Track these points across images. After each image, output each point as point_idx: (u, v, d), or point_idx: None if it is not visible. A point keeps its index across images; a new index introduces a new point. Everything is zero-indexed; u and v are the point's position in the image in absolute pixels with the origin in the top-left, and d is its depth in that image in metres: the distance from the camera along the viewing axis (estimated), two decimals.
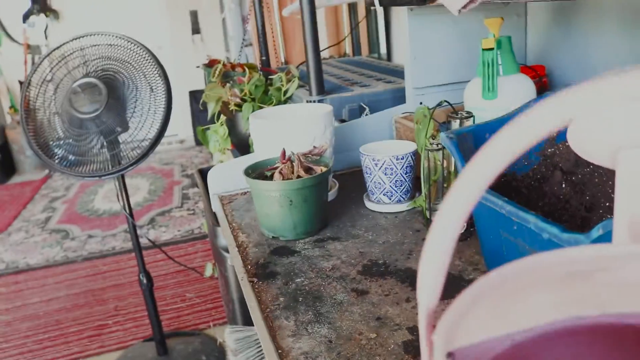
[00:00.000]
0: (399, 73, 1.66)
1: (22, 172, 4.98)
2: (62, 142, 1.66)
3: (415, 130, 0.78)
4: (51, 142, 1.66)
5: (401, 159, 0.94)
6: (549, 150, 0.78)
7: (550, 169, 0.77)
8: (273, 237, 0.91)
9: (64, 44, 1.62)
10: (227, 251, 1.17)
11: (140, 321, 2.29)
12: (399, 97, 1.38)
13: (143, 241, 3.08)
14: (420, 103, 1.23)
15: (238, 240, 0.92)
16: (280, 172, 0.89)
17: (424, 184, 0.81)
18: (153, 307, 1.89)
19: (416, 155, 0.97)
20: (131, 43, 1.59)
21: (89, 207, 3.86)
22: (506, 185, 0.75)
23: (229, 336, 1.18)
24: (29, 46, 4.86)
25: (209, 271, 1.81)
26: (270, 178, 0.92)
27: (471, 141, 0.73)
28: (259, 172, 0.95)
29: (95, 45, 1.57)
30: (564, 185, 0.77)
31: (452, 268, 0.77)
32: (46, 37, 4.86)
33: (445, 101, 0.80)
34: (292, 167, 0.91)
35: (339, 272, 0.79)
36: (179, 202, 3.73)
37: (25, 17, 4.85)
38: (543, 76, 1.19)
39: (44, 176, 4.76)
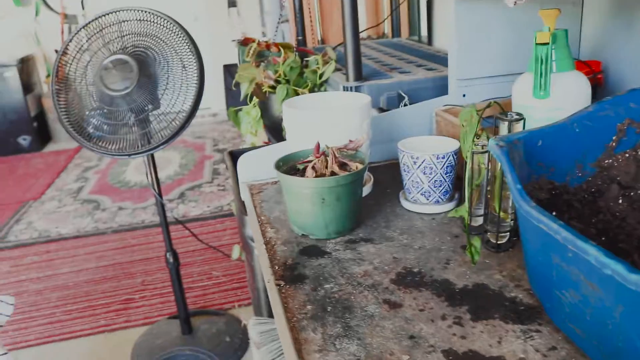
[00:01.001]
0: (440, 59, 1.59)
1: (57, 141, 5.04)
2: (96, 112, 1.64)
3: (461, 133, 0.72)
4: (87, 112, 1.64)
5: (442, 158, 0.88)
6: (606, 161, 0.72)
7: (606, 182, 0.71)
8: (303, 234, 0.87)
9: (96, 17, 1.58)
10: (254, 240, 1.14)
11: (166, 297, 2.29)
12: (440, 87, 1.32)
13: (173, 215, 3.09)
14: (464, 95, 1.16)
15: (266, 236, 0.88)
16: (313, 168, 0.85)
17: (467, 189, 0.75)
18: (179, 286, 1.88)
19: (458, 154, 0.91)
20: (162, 18, 1.55)
21: (121, 178, 3.88)
22: (557, 197, 0.69)
23: (252, 328, 1.15)
24: (65, 15, 4.87)
25: (236, 254, 1.79)
26: (303, 172, 0.87)
27: (521, 148, 0.67)
28: (290, 164, 0.90)
29: (125, 21, 1.53)
30: (621, 201, 0.70)
31: (492, 283, 0.71)
32: (83, 7, 4.86)
33: (495, 102, 0.74)
34: (326, 162, 0.86)
35: (371, 279, 0.74)
36: (209, 177, 3.72)
37: None
38: (598, 72, 1.11)
39: (78, 145, 4.80)
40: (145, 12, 1.56)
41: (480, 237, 0.74)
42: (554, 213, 0.68)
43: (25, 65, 4.86)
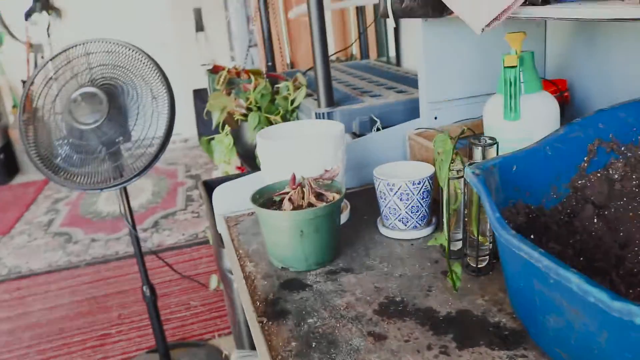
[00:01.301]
0: (410, 80, 1.61)
1: (25, 172, 4.95)
2: (66, 145, 1.61)
3: (437, 161, 0.73)
4: (56, 142, 1.61)
5: (418, 184, 0.89)
6: (579, 182, 0.73)
7: (581, 202, 0.72)
8: (282, 267, 0.86)
9: (64, 50, 1.56)
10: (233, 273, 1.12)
11: (144, 330, 2.25)
12: (411, 109, 1.33)
13: (147, 245, 3.04)
14: (435, 118, 1.17)
15: (245, 271, 0.87)
16: (290, 200, 0.84)
17: (445, 215, 0.76)
18: (157, 319, 1.84)
19: (433, 178, 0.92)
20: (130, 49, 1.53)
21: (92, 209, 3.82)
22: (534, 220, 0.70)
23: None
24: (31, 45, 4.81)
25: (213, 284, 1.76)
26: (280, 204, 0.87)
27: (497, 174, 0.67)
28: (267, 197, 0.90)
29: (93, 53, 1.52)
30: (595, 220, 0.71)
31: (475, 308, 0.72)
32: (49, 36, 4.81)
33: (469, 128, 0.74)
34: (303, 193, 0.86)
35: (354, 311, 0.73)
36: (183, 204, 3.69)
37: (28, 15, 4.81)
38: (564, 91, 1.14)
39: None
40: (113, 43, 1.54)
41: (460, 263, 0.74)
42: (532, 236, 0.69)
43: None
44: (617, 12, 0.66)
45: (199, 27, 5.21)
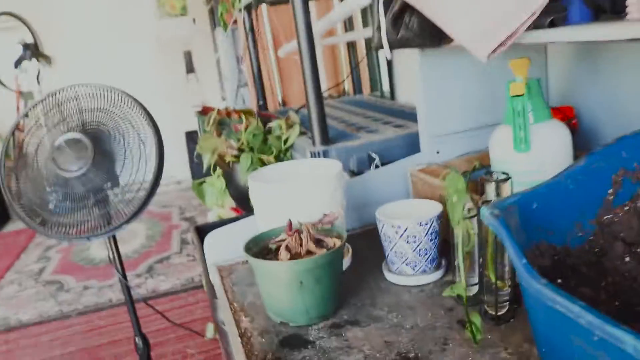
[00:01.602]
0: (406, 114, 1.55)
1: (16, 220, 4.85)
2: (52, 194, 1.54)
3: (449, 202, 0.66)
4: (47, 189, 1.53)
5: (425, 224, 0.82)
6: (606, 217, 0.66)
7: (609, 240, 0.65)
8: (281, 322, 0.78)
9: (46, 97, 1.51)
10: None
11: None
12: (411, 144, 1.27)
13: (141, 291, 2.95)
14: (437, 152, 1.11)
15: (241, 327, 0.79)
16: (287, 248, 0.77)
17: (460, 260, 0.69)
18: None
19: (441, 218, 0.85)
20: (114, 92, 1.48)
21: (84, 255, 3.72)
22: (560, 263, 0.63)
23: None
24: (21, 93, 4.78)
25: (210, 332, 1.68)
26: (276, 253, 0.80)
27: (516, 213, 0.61)
28: (262, 245, 0.82)
29: (77, 98, 1.46)
30: (628, 259, 0.64)
31: None
32: (39, 83, 4.78)
33: (481, 164, 0.68)
34: (301, 240, 0.79)
35: None
36: (177, 247, 3.60)
37: (18, 63, 4.78)
38: (572, 118, 1.08)
39: None
40: (98, 87, 1.49)
41: (478, 312, 0.67)
42: (559, 281, 0.62)
43: None
44: (631, 32, 0.61)
45: (190, 69, 5.20)
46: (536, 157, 0.85)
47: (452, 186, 0.64)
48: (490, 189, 0.72)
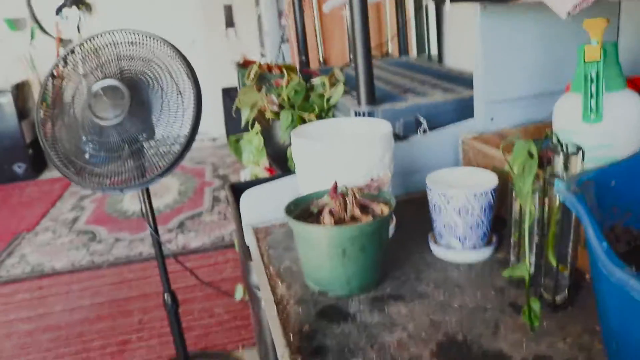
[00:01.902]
0: (454, 79, 1.47)
1: (53, 168, 4.91)
2: (87, 143, 1.51)
3: (516, 174, 0.59)
4: (83, 138, 1.51)
5: (481, 196, 0.75)
6: None
7: None
8: (320, 291, 0.74)
9: (86, 40, 1.46)
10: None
11: (165, 338, 2.15)
12: (461, 109, 1.20)
13: (171, 247, 2.95)
14: (492, 119, 1.04)
15: (277, 294, 0.75)
16: (330, 212, 0.72)
17: (526, 238, 0.62)
18: (178, 329, 1.74)
19: (497, 190, 0.78)
20: (155, 40, 1.43)
21: (118, 207, 3.75)
22: (637, 250, 0.56)
23: None
24: (61, 40, 4.78)
25: (239, 294, 1.65)
26: (317, 217, 0.74)
27: (592, 191, 0.54)
28: (303, 208, 0.77)
29: (117, 44, 1.41)
30: None
31: (555, 353, 0.58)
32: (79, 31, 4.77)
33: (550, 133, 0.61)
34: (345, 204, 0.73)
35: (407, 351, 0.61)
36: (209, 205, 3.59)
37: (59, 10, 4.77)
38: None
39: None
40: (138, 34, 1.44)
41: (538, 299, 0.61)
42: (634, 269, 0.55)
43: (20, 91, 4.76)
44: None
45: (229, 24, 5.12)
46: (607, 130, 0.78)
47: (521, 154, 0.58)
48: (559, 162, 0.65)
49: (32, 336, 2.27)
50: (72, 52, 1.49)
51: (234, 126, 5.01)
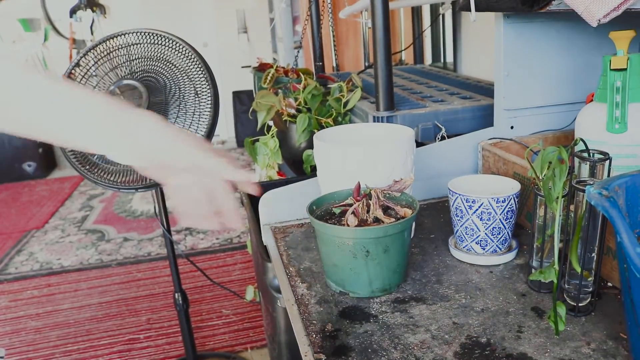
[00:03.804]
0: (471, 87, 1.47)
1: (63, 167, 4.94)
2: None
3: (545, 179, 0.59)
4: None
5: (502, 202, 0.76)
6: None
7: None
8: (341, 292, 0.74)
9: (104, 40, 1.48)
10: (280, 291, 1.00)
11: (173, 337, 2.15)
12: (480, 117, 1.20)
13: (180, 247, 2.96)
14: (512, 127, 1.04)
15: (297, 293, 0.75)
16: (354, 213, 0.72)
17: (556, 243, 0.62)
18: (188, 329, 1.74)
19: (519, 196, 0.79)
20: (174, 42, 1.44)
21: (127, 207, 3.76)
22: None
23: None
24: (74, 41, 4.81)
25: (250, 295, 1.65)
26: (340, 218, 0.75)
27: (622, 197, 0.54)
28: (324, 208, 0.78)
29: (135, 44, 1.42)
30: None
31: (580, 358, 0.58)
32: (92, 33, 4.80)
33: (581, 139, 0.61)
34: (368, 206, 0.74)
35: (430, 352, 0.61)
36: None
37: (73, 12, 4.80)
38: None
39: None
40: (157, 35, 1.45)
41: (564, 303, 0.61)
42: None
43: None
44: None
45: (242, 29, 5.15)
46: (632, 139, 0.78)
47: (549, 159, 0.58)
48: (585, 169, 0.65)
49: (41, 332, 2.28)
50: (87, 53, 1.50)
51: (243, 130, 5.03)
